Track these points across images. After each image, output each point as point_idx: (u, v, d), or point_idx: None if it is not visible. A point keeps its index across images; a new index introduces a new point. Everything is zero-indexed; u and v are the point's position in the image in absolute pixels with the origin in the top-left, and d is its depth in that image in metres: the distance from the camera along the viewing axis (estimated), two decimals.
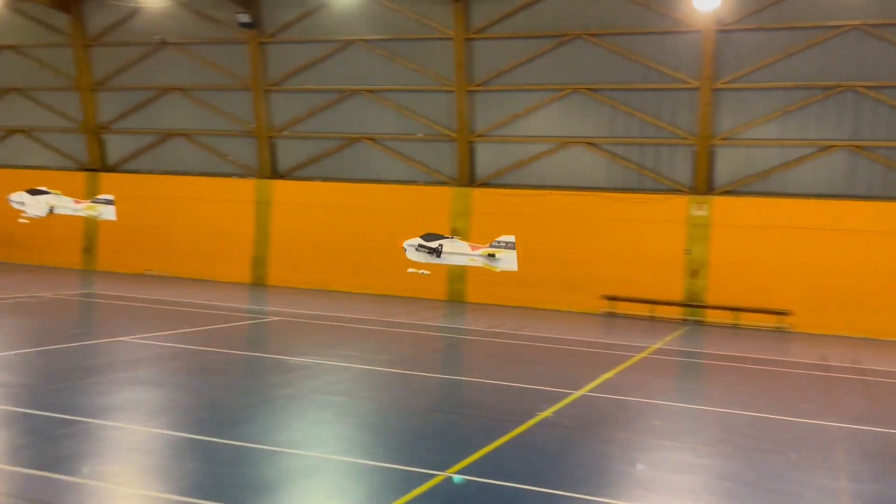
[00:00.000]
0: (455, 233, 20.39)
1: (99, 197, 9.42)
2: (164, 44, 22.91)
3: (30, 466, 5.96)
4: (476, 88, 20.66)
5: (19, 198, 9.08)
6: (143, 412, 8.04)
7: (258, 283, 22.63)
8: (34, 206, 8.94)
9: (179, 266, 23.43)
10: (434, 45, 20.83)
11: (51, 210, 9.05)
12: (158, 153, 24.03)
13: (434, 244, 10.98)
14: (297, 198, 22.49)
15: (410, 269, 11.82)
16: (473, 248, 10.98)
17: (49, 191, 9.19)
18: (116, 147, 24.46)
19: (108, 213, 9.28)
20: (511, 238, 10.32)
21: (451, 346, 14.44)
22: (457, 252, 10.87)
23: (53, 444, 6.58)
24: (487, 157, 21.13)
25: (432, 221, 21.12)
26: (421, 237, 11.67)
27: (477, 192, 20.97)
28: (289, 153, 22.86)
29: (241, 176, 23.18)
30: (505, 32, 20.24)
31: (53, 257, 24.52)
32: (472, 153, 21.14)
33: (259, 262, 22.81)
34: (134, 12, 22.89)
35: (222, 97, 22.98)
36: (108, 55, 23.67)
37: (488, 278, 20.59)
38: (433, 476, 6.26)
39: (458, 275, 20.86)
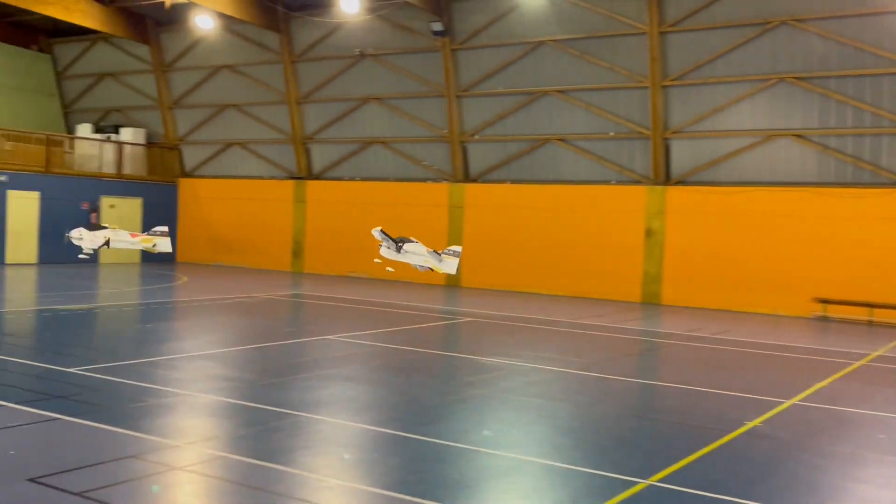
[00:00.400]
0: (649, 234, 19.85)
1: (155, 229, 9.90)
2: (363, 56, 23.98)
3: (248, 455, 6.37)
4: (671, 83, 19.96)
5: (78, 234, 9.78)
6: (347, 407, 8.40)
7: (453, 285, 23.11)
8: (91, 241, 9.60)
9: (378, 268, 24.34)
10: (626, 40, 20.36)
11: (106, 244, 9.66)
12: (358, 160, 25.18)
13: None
14: (488, 200, 22.78)
15: (377, 260, 11.94)
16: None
17: (107, 226, 9.82)
18: (320, 156, 25.90)
19: (164, 245, 9.77)
20: (458, 248, 10.58)
21: (649, 349, 14.00)
22: (415, 252, 10.82)
23: (268, 435, 7.01)
24: (683, 154, 20.35)
25: (625, 222, 20.67)
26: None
27: (672, 191, 20.26)
28: (480, 157, 23.18)
29: (435, 180, 23.80)
30: (701, 24, 19.41)
31: (267, 261, 26.34)
32: (667, 150, 20.44)
33: None
34: (336, 28, 24.14)
35: (417, 104, 23.71)
36: (313, 70, 25.11)
37: (686, 280, 19.87)
38: (635, 483, 6.06)
39: (653, 276, 20.26)
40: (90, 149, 27.07)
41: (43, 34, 29.04)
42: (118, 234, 9.47)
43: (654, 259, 20.47)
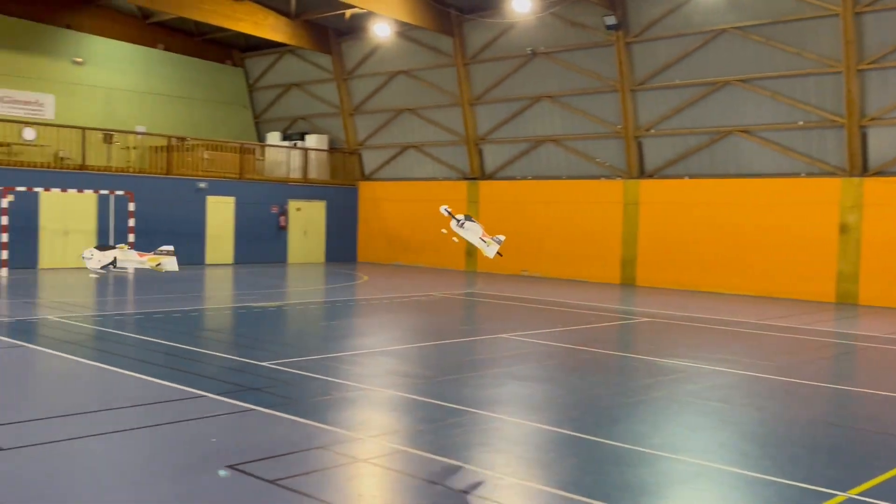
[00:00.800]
0: (844, 230, 18.51)
1: (161, 249, 10.27)
2: (534, 55, 23.95)
3: (428, 450, 6.51)
4: (868, 67, 18.50)
5: (89, 253, 10.36)
6: (523, 406, 8.40)
7: (627, 284, 22.62)
8: (99, 261, 10.09)
9: (551, 266, 24.31)
10: (816, 24, 19.09)
11: (113, 262, 10.17)
12: (530, 159, 25.17)
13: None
14: (665, 197, 22.09)
15: (444, 230, 11.80)
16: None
17: (116, 246, 10.30)
18: (493, 156, 26.11)
19: (170, 264, 10.17)
20: (502, 237, 10.82)
21: (844, 352, 13.04)
22: (472, 231, 10.77)
23: (447, 431, 7.13)
24: (882, 143, 18.81)
25: (817, 216, 19.41)
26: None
27: (870, 182, 18.79)
28: (656, 152, 22.52)
29: (608, 177, 23.37)
30: None
31: (442, 260, 26.90)
32: (863, 139, 18.97)
33: (628, 263, 22.79)
34: (508, 28, 24.25)
35: (589, 101, 23.37)
36: (485, 71, 25.36)
37: (888, 279, 18.34)
38: (833, 496, 5.65)
39: (849, 275, 18.89)
40: (279, 156, 28.76)
41: (236, 49, 31.17)
42: (126, 253, 10.21)
43: (850, 256, 19.05)
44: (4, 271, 20.10)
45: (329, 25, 27.76)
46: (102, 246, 10.29)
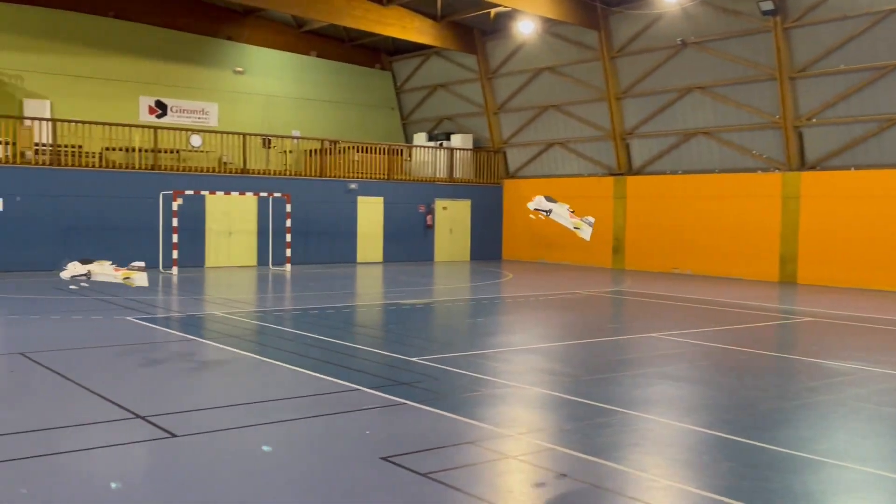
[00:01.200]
0: None
1: (133, 265, 10.57)
2: (684, 45, 23.18)
3: (575, 449, 6.43)
4: None
5: (72, 266, 10.79)
6: (675, 407, 8.15)
7: (787, 281, 21.50)
8: (72, 272, 10.56)
9: (704, 264, 23.46)
10: None
11: (87, 275, 10.54)
12: (680, 153, 24.39)
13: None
14: (829, 189, 20.84)
15: (532, 216, 11.60)
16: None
17: (92, 260, 10.72)
18: (640, 150, 25.50)
19: (140, 279, 10.43)
20: (592, 219, 11.10)
21: None
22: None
23: (595, 430, 7.03)
24: None
25: None
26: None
27: None
28: (818, 142, 21.27)
29: (765, 170, 22.29)
30: None
31: (587, 257, 26.55)
32: None
33: (787, 260, 21.66)
34: (655, 19, 23.61)
35: (744, 90, 22.37)
36: (632, 64, 24.80)
37: None
38: None
39: None
40: (425, 156, 29.30)
41: (384, 53, 32.00)
42: (102, 266, 10.75)
43: None
44: (175, 270, 21.54)
45: (474, 25, 28.00)
46: (84, 260, 11.12)
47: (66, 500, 5.22)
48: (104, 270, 10.81)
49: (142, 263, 10.67)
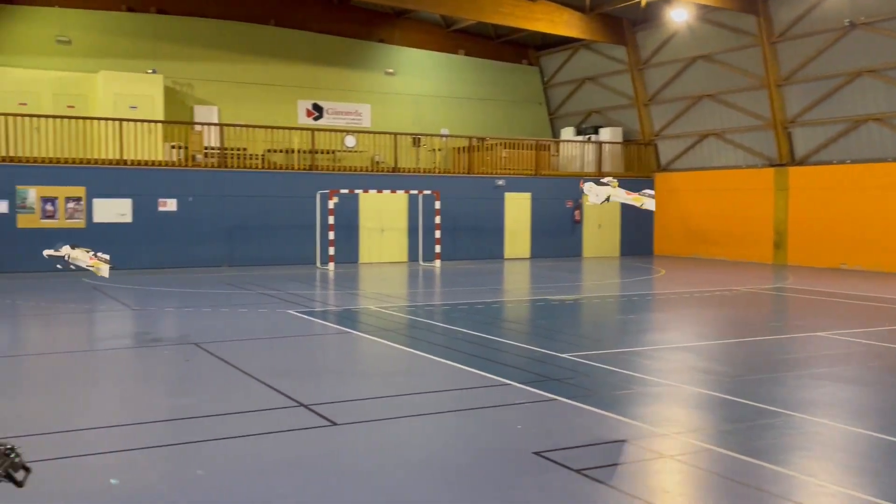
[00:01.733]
0: None
1: (100, 255, 11.00)
2: (852, 26, 21.74)
3: (736, 451, 6.19)
4: None
5: (66, 249, 11.38)
6: (845, 410, 7.67)
7: None
8: (53, 253, 11.19)
9: (875, 259, 21.95)
10: None
11: (67, 258, 11.12)
12: (848, 141, 22.90)
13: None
14: None
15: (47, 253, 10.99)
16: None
17: (78, 247, 11.23)
18: (804, 140, 24.14)
19: (104, 271, 10.94)
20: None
21: None
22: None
23: (756, 432, 6.73)
24: None
25: None
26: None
27: None
28: None
29: None
30: None
31: (745, 252, 25.43)
32: None
33: None
34: (820, 1, 22.27)
35: None
36: (794, 48, 23.51)
37: None
38: None
39: None
40: (573, 150, 28.98)
41: (531, 48, 31.90)
42: (81, 252, 11.35)
43: None
44: (331, 266, 22.41)
45: (624, 16, 27.42)
46: (73, 245, 11.93)
47: (239, 482, 5.55)
48: (81, 256, 11.82)
49: (107, 256, 11.59)
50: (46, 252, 12.23)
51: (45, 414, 7.26)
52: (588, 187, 11.54)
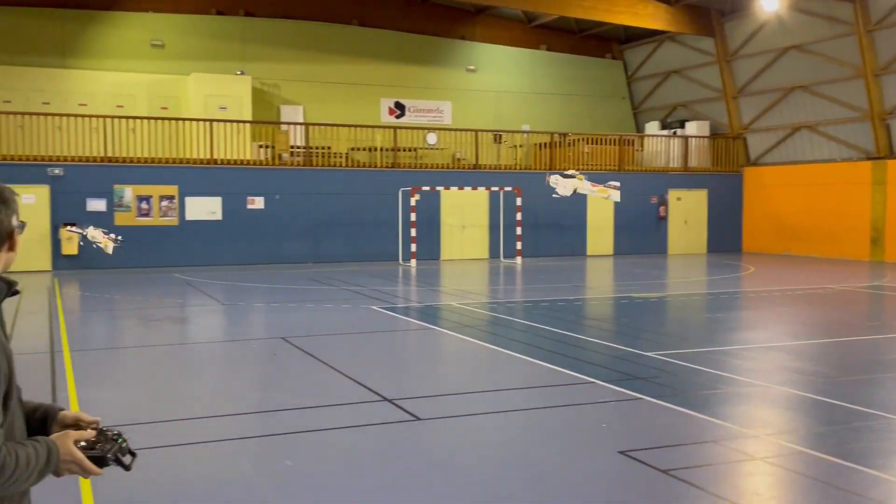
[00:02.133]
0: None
1: (110, 235, 12.44)
2: None
3: (831, 454, 5.97)
4: None
5: (89, 230, 12.78)
6: None
7: None
8: (76, 233, 13.82)
9: None
10: None
11: (85, 237, 13.98)
12: None
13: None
14: None
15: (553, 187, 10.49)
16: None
17: (98, 228, 12.53)
18: None
19: (110, 248, 12.20)
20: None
21: None
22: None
23: (853, 435, 6.48)
24: None
25: None
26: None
27: None
28: None
29: None
30: None
31: (840, 249, 24.52)
32: None
33: None
34: None
35: None
36: (892, 36, 22.50)
37: None
38: None
39: None
40: (658, 145, 28.45)
41: (615, 42, 31.44)
42: (96, 232, 12.49)
43: None
44: (413, 262, 22.61)
45: (711, 6, 26.75)
46: (95, 227, 13.22)
47: (326, 474, 5.66)
48: (97, 236, 12.67)
49: (116, 236, 12.52)
50: (70, 228, 13.83)
51: (143, 406, 7.56)
52: (554, 180, 11.67)
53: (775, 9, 24.59)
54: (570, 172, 10.92)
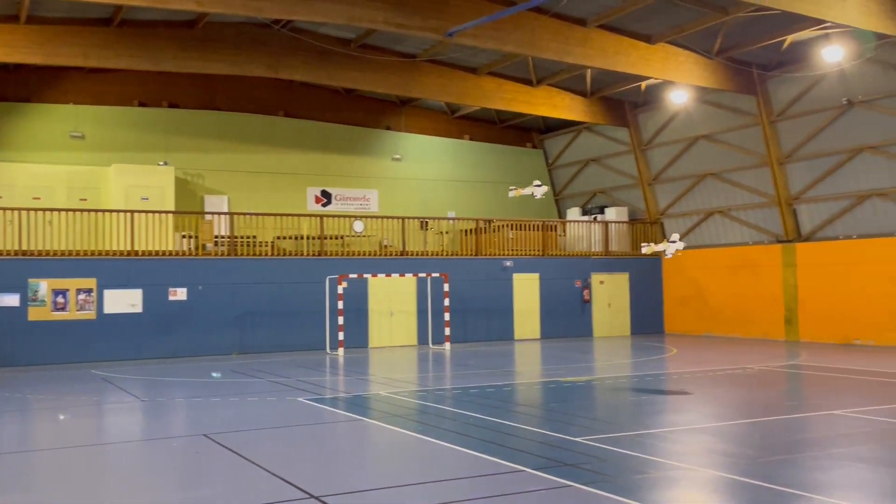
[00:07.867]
0: None
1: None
2: (850, 105, 22.13)
3: None
4: None
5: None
6: (870, 492, 7.51)
7: None
8: None
9: (889, 334, 21.76)
10: None
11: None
12: (854, 216, 23.01)
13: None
14: None
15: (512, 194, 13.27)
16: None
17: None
18: (809, 216, 24.29)
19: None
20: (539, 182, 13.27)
21: None
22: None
23: None
24: None
25: None
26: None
27: None
28: None
29: None
30: None
31: (757, 329, 25.28)
32: None
33: None
34: (817, 80, 22.74)
35: None
36: (794, 127, 23.88)
37: None
38: None
39: None
40: (579, 230, 29.17)
41: (535, 132, 32.50)
42: None
43: None
44: (341, 351, 22.33)
45: (625, 99, 27.99)
46: None
47: None
48: None
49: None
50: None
51: None
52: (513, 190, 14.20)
53: (684, 102, 25.93)
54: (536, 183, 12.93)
